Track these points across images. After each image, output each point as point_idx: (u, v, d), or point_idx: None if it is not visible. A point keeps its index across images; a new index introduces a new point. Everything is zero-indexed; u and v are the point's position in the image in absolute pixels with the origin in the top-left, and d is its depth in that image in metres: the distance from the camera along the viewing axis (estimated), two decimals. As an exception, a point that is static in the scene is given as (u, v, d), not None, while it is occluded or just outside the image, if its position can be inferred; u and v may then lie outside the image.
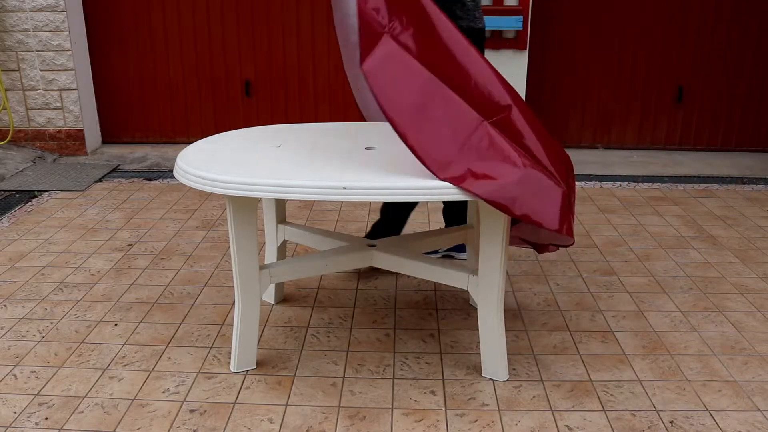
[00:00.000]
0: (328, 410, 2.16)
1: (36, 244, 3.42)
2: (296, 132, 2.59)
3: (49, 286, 2.98)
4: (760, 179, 4.45)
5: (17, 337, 2.58)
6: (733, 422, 2.10)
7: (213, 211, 3.86)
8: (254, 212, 2.21)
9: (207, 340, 2.57)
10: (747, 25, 4.79)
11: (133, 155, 4.91)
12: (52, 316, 2.74)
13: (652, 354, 2.47)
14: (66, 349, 2.51)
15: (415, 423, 2.10)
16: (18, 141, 4.90)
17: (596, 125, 5.07)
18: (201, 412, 2.15)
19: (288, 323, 2.69)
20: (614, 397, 2.23)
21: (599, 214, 3.83)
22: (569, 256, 3.29)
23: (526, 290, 2.96)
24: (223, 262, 3.22)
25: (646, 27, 4.83)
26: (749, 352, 2.48)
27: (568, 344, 2.54)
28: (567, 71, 4.95)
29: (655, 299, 2.88)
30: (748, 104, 4.96)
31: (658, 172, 4.59)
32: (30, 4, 4.61)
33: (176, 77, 5.04)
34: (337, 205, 3.93)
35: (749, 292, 2.93)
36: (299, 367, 2.39)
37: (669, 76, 4.93)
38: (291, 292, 2.93)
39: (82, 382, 2.31)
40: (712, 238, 3.50)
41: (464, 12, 2.72)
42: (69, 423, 2.10)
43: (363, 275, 3.08)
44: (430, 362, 2.42)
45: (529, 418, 2.12)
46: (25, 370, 2.38)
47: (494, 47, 4.54)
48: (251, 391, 2.26)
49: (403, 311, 2.78)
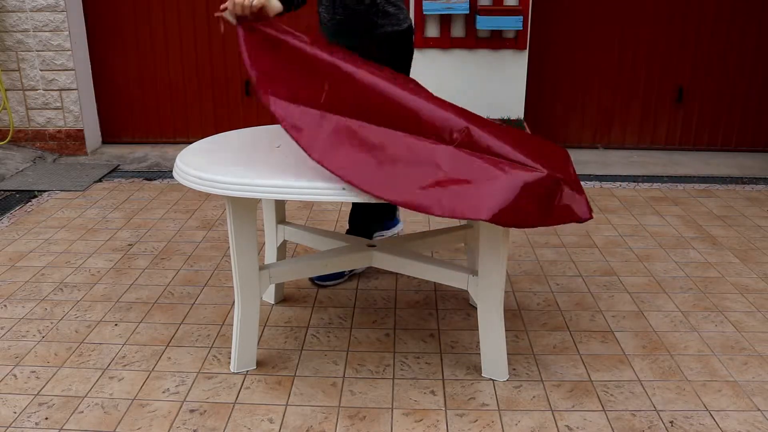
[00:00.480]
0: (328, 410, 2.16)
1: (36, 244, 3.42)
2: (296, 132, 2.58)
3: (49, 286, 2.98)
4: (760, 179, 4.45)
5: (17, 337, 2.58)
6: (733, 422, 2.10)
7: (213, 211, 3.86)
8: (254, 212, 2.21)
9: (207, 340, 2.57)
10: (747, 25, 4.79)
11: (133, 155, 4.91)
12: (52, 316, 2.74)
13: (652, 354, 2.47)
14: (66, 349, 2.51)
15: (415, 423, 2.10)
16: (18, 141, 4.90)
17: (596, 125, 5.07)
18: (201, 412, 2.15)
19: (288, 323, 2.69)
20: (614, 397, 2.23)
21: (599, 214, 3.83)
22: (569, 256, 3.29)
23: (526, 290, 2.96)
24: (223, 262, 3.22)
25: (646, 27, 4.82)
26: (749, 352, 2.48)
27: (568, 344, 2.54)
28: (567, 71, 4.95)
29: (655, 299, 2.88)
30: (748, 104, 4.96)
31: (658, 172, 4.59)
32: (30, 4, 4.61)
33: (176, 77, 5.04)
34: (337, 205, 3.93)
35: (749, 292, 2.93)
36: (299, 367, 2.39)
37: (669, 77, 4.92)
38: (291, 292, 2.93)
39: (82, 382, 2.31)
40: (712, 238, 3.50)
41: (387, 19, 2.72)
42: (69, 423, 2.10)
43: (359, 275, 3.08)
44: (430, 362, 2.42)
45: (529, 418, 2.12)
46: (25, 370, 2.38)
47: (494, 47, 4.54)
48: (251, 391, 2.26)
49: (403, 311, 2.78)
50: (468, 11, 4.35)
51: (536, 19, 4.77)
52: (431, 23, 4.52)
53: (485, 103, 4.66)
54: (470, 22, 4.49)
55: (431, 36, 4.54)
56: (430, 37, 4.53)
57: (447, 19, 4.49)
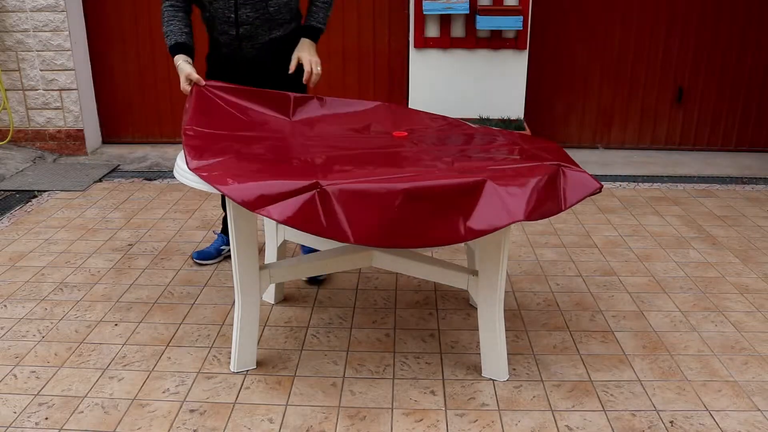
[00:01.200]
0: (328, 410, 2.16)
1: (36, 244, 3.42)
2: (296, 132, 2.59)
3: (49, 286, 2.98)
4: (760, 179, 4.45)
5: (17, 337, 2.58)
6: (733, 422, 2.10)
7: (213, 211, 3.86)
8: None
9: (207, 340, 2.57)
10: (747, 25, 4.79)
11: (133, 155, 4.90)
12: (52, 316, 2.74)
13: (652, 354, 2.47)
14: (66, 349, 2.51)
15: (415, 423, 2.10)
16: (18, 141, 4.90)
17: (596, 125, 5.07)
18: (201, 412, 2.15)
19: (288, 323, 2.69)
20: (614, 397, 2.23)
21: (599, 214, 3.83)
22: (569, 255, 3.29)
23: (526, 290, 2.96)
24: (223, 262, 3.22)
25: (646, 26, 4.82)
26: (749, 352, 2.48)
27: (568, 344, 2.54)
28: (567, 71, 4.95)
29: (655, 299, 2.88)
30: (748, 104, 4.96)
31: (658, 172, 4.59)
32: (30, 4, 4.61)
33: (176, 77, 5.03)
34: (337, 205, 3.93)
35: (749, 292, 2.93)
36: (299, 367, 2.39)
37: (669, 76, 4.92)
38: (291, 292, 2.93)
39: (82, 382, 2.31)
40: (712, 238, 3.50)
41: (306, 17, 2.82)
42: (69, 423, 2.10)
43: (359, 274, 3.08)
44: (430, 362, 2.42)
45: (529, 418, 2.12)
46: (25, 370, 2.38)
47: (494, 47, 4.54)
48: (251, 391, 2.26)
49: (404, 311, 2.78)
50: (468, 11, 4.34)
51: (536, 19, 4.77)
52: (431, 23, 4.52)
53: (485, 103, 4.66)
54: (470, 22, 4.49)
55: (431, 36, 4.54)
56: (430, 37, 4.53)
57: (447, 19, 4.49)
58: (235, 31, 2.71)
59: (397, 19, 4.85)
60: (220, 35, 2.76)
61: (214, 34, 2.80)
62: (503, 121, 4.55)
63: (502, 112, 4.68)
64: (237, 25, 2.70)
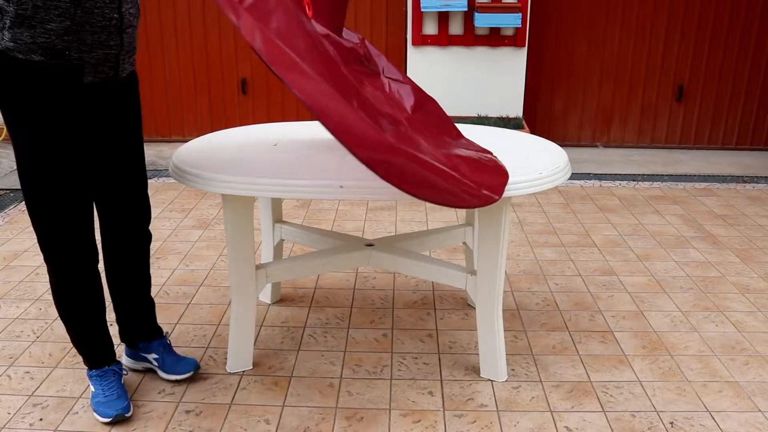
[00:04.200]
0: (325, 411, 2.14)
1: (30, 244, 3.39)
2: (292, 130, 2.57)
3: (43, 286, 2.96)
4: (760, 178, 4.43)
5: (11, 338, 2.56)
6: (734, 423, 2.09)
7: (209, 210, 3.84)
8: (250, 211, 2.19)
9: (203, 340, 2.55)
10: (747, 24, 4.77)
11: (130, 153, 4.88)
12: (47, 316, 2.71)
13: (652, 354, 2.46)
14: (60, 349, 2.49)
15: (413, 424, 2.08)
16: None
17: (596, 123, 5.06)
18: (197, 413, 2.13)
19: (285, 323, 2.67)
20: (614, 397, 2.21)
21: (599, 213, 3.82)
22: (568, 255, 3.27)
23: (525, 290, 2.94)
24: (219, 262, 3.20)
25: (646, 23, 4.81)
26: (750, 353, 2.47)
27: (567, 344, 2.52)
28: (566, 69, 4.94)
29: (655, 299, 2.86)
30: (748, 102, 4.94)
31: (658, 170, 4.57)
32: (26, 1, 4.57)
33: (172, 75, 5.01)
34: (334, 204, 3.91)
35: (750, 292, 2.92)
36: (296, 367, 2.37)
37: (669, 74, 4.91)
38: (288, 291, 2.91)
39: (77, 382, 2.29)
40: (712, 238, 3.48)
41: None
42: (63, 424, 2.08)
43: (357, 273, 3.06)
44: (428, 363, 2.40)
45: (528, 419, 2.10)
46: (19, 371, 2.35)
47: (493, 45, 4.52)
48: (247, 392, 2.24)
49: (401, 311, 2.76)
50: (466, 8, 4.33)
51: (535, 16, 4.75)
52: (429, 20, 4.50)
53: (483, 101, 4.65)
54: (468, 20, 4.47)
55: (429, 33, 4.52)
56: (428, 35, 4.51)
57: (445, 16, 4.47)
58: (118, 41, 1.81)
59: (395, 15, 4.83)
60: (90, 51, 1.77)
61: (72, 53, 1.74)
62: (502, 120, 4.53)
63: (501, 110, 4.66)
64: (120, 31, 1.81)
